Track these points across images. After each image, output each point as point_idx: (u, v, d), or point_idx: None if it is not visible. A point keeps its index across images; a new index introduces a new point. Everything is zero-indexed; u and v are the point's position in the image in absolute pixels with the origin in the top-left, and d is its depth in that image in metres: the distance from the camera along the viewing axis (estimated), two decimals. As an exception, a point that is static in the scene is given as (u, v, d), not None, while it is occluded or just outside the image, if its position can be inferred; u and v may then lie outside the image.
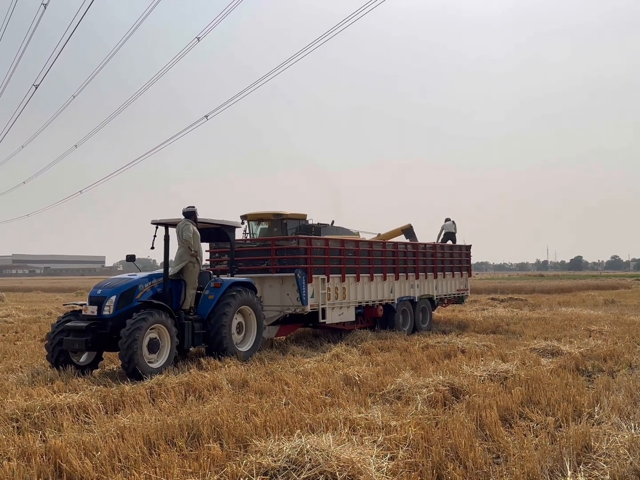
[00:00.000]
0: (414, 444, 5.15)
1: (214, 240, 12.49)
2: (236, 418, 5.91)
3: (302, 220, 15.39)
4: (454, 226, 19.34)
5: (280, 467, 4.46)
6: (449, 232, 19.21)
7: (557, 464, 4.76)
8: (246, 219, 15.50)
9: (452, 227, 19.31)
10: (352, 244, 13.74)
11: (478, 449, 5.04)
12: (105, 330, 8.95)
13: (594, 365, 9.20)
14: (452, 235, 19.21)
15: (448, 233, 19.22)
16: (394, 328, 14.07)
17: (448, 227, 19.29)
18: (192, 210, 10.21)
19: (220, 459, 4.83)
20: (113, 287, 9.24)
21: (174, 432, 5.53)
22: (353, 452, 4.66)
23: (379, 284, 14.23)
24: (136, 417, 6.08)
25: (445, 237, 19.19)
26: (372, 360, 9.72)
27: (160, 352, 8.99)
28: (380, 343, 11.80)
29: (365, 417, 5.94)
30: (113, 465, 4.78)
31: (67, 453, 4.90)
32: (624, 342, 11.40)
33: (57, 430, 5.77)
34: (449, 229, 19.26)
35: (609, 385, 7.55)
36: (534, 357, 9.72)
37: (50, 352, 9.07)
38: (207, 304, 10.06)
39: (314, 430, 5.53)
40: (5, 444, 5.26)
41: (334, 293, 12.75)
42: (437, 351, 10.49)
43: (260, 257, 12.71)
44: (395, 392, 7.18)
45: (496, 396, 6.84)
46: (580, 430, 5.37)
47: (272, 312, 12.10)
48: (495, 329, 14.80)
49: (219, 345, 9.85)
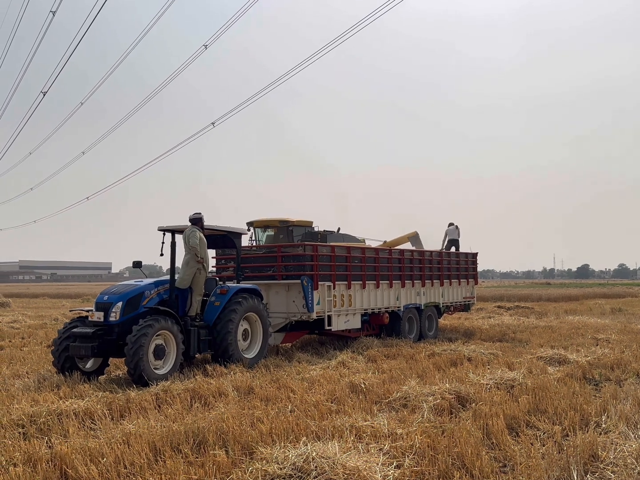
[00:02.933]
0: (420, 452, 5.13)
1: (220, 247, 12.50)
2: (242, 425, 5.90)
3: (308, 227, 15.40)
4: (457, 232, 19.16)
5: (286, 474, 4.45)
6: (452, 239, 19.04)
7: (564, 473, 4.73)
8: (252, 226, 15.53)
9: (455, 233, 19.12)
10: (358, 251, 13.74)
11: (484, 457, 5.01)
12: (111, 336, 8.97)
13: (601, 374, 9.14)
14: (455, 242, 19.05)
15: (452, 240, 19.05)
16: (400, 335, 14.04)
17: (451, 232, 19.09)
18: (199, 217, 10.24)
19: (225, 466, 4.82)
20: (119, 293, 9.27)
21: (180, 438, 5.53)
22: (359, 460, 4.65)
23: (385, 292, 14.21)
24: (142, 423, 6.08)
25: (449, 243, 19.03)
26: (378, 368, 9.70)
27: (166, 358, 9.00)
28: (386, 350, 11.77)
29: (371, 424, 5.92)
30: (119, 471, 4.78)
31: (72, 459, 4.91)
32: (631, 351, 11.33)
33: (62, 436, 5.78)
34: (452, 235, 19.07)
35: (616, 394, 7.50)
36: (540, 366, 9.67)
37: (57, 358, 9.09)
38: (213, 311, 10.08)
39: (319, 437, 5.52)
40: (12, 449, 5.27)
41: (340, 300, 12.74)
42: (443, 359, 10.46)
43: (267, 264, 12.72)
44: (402, 399, 7.16)
45: (503, 404, 6.81)
46: (588, 440, 5.34)
47: (278, 318, 12.10)
48: (501, 337, 14.74)
49: (225, 352, 9.85)
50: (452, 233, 19.08)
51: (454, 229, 19.15)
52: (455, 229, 19.15)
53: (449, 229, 19.18)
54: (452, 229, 19.17)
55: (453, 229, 19.16)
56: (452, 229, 19.16)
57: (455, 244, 18.99)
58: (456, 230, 19.15)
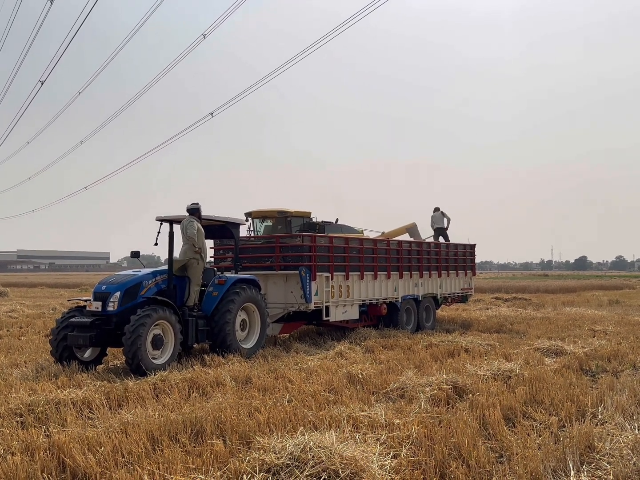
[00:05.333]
0: (417, 443, 5.14)
1: (218, 237, 12.50)
2: (239, 415, 5.92)
3: (306, 218, 15.38)
4: (442, 218, 17.83)
5: (283, 464, 4.47)
6: (438, 228, 17.74)
7: (561, 463, 4.75)
8: (250, 217, 15.50)
9: (442, 221, 17.81)
10: (356, 242, 13.73)
11: (481, 448, 5.03)
12: (109, 326, 8.97)
13: (597, 365, 9.17)
14: (442, 230, 17.78)
15: (438, 229, 17.75)
16: (398, 326, 14.06)
17: (437, 220, 17.78)
18: (197, 207, 10.23)
19: (223, 456, 4.84)
20: (117, 283, 9.26)
21: (178, 428, 5.54)
22: (356, 450, 4.66)
23: (383, 282, 14.22)
24: (140, 412, 6.10)
25: (436, 233, 17.79)
26: (375, 359, 9.72)
27: (164, 348, 9.01)
28: (384, 341, 11.80)
29: (368, 415, 5.94)
30: (116, 460, 4.79)
31: (70, 448, 4.91)
32: (628, 343, 11.37)
33: (60, 426, 5.79)
34: (438, 224, 17.76)
35: (613, 386, 7.53)
36: (537, 357, 9.70)
37: (55, 347, 9.09)
38: (211, 301, 10.08)
39: (317, 427, 5.53)
40: (9, 438, 5.28)
41: (338, 291, 12.75)
42: (440, 350, 10.49)
43: (265, 255, 12.72)
44: (399, 390, 7.18)
45: (499, 395, 6.83)
46: (584, 430, 5.36)
47: (276, 309, 12.10)
48: (499, 328, 14.77)
49: (223, 342, 9.86)
50: (438, 220, 17.88)
51: (440, 216, 17.95)
52: (440, 215, 17.98)
53: (434, 215, 18.00)
54: (437, 215, 17.99)
55: (439, 215, 17.99)
56: (438, 215, 17.96)
57: (442, 232, 17.95)
58: (442, 217, 17.98)
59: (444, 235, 18.19)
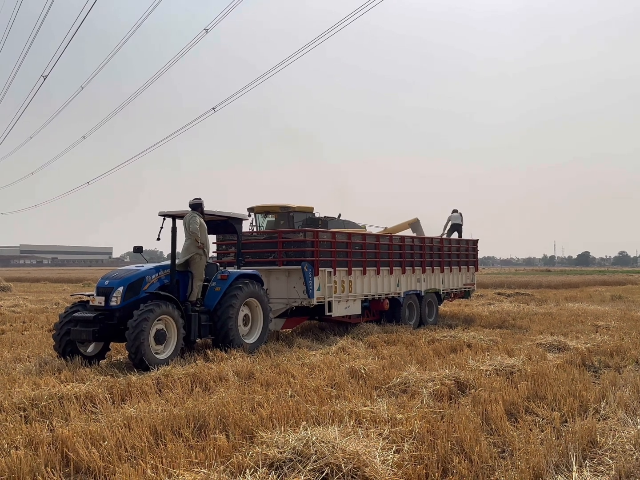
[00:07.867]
0: (419, 437, 5.15)
1: (221, 232, 12.51)
2: (242, 409, 5.93)
3: (309, 213, 15.40)
4: (460, 218, 19.15)
5: (286, 458, 4.48)
6: (455, 224, 19.02)
7: (563, 458, 4.75)
8: (253, 212, 15.52)
9: (459, 219, 19.12)
10: (358, 237, 13.72)
11: (483, 443, 5.03)
12: (112, 320, 8.99)
13: (600, 360, 9.17)
14: (458, 226, 19.02)
15: (455, 224, 19.03)
16: (400, 322, 14.07)
17: (455, 218, 19.10)
18: (199, 202, 10.22)
19: (226, 450, 4.85)
20: (120, 278, 9.27)
21: (181, 422, 5.56)
22: (359, 445, 4.67)
23: (386, 278, 14.22)
24: (143, 407, 6.11)
25: (452, 228, 18.99)
26: (378, 354, 9.73)
27: (167, 343, 9.02)
28: (386, 336, 11.80)
29: (370, 410, 5.95)
30: (120, 454, 4.81)
31: (74, 442, 4.94)
32: (631, 338, 11.36)
33: (64, 420, 5.81)
34: (456, 220, 19.08)
35: (615, 381, 7.52)
36: (540, 352, 9.70)
37: (58, 342, 9.12)
38: (213, 296, 10.09)
39: (319, 422, 5.54)
40: (13, 432, 5.30)
41: (340, 286, 12.76)
42: (443, 345, 10.49)
43: (267, 250, 12.72)
44: (401, 385, 7.19)
45: (502, 390, 6.83)
46: (586, 426, 5.36)
47: (279, 304, 12.12)
48: (501, 324, 14.77)
49: (225, 337, 9.88)
50: (456, 219, 19.08)
51: (458, 216, 19.15)
52: (459, 216, 19.14)
53: (453, 215, 19.16)
54: (455, 215, 19.17)
55: (457, 215, 19.16)
56: (456, 216, 19.16)
57: (458, 228, 18.94)
58: (460, 216, 19.14)
59: (459, 232, 18.83)
